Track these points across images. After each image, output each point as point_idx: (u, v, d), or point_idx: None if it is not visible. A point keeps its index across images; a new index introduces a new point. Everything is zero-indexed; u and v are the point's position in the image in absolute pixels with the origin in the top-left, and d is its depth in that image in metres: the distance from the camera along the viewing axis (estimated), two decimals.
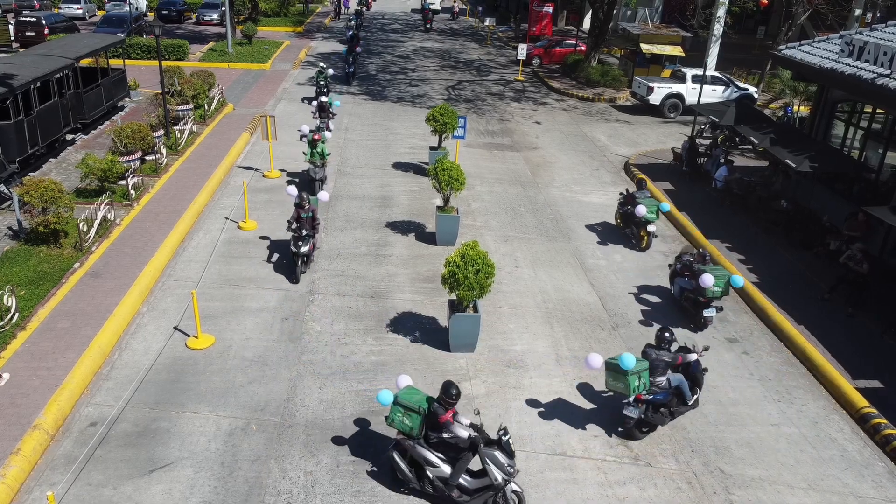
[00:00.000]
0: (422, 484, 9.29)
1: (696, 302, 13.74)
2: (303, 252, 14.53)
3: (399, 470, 9.35)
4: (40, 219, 14.81)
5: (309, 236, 14.68)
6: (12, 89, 17.49)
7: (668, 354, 10.74)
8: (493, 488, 9.01)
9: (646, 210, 16.43)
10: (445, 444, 9.30)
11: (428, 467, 9.22)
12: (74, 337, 12.11)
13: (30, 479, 9.42)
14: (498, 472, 8.93)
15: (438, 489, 9.21)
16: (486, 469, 8.96)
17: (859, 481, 10.31)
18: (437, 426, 9.26)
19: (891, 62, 15.56)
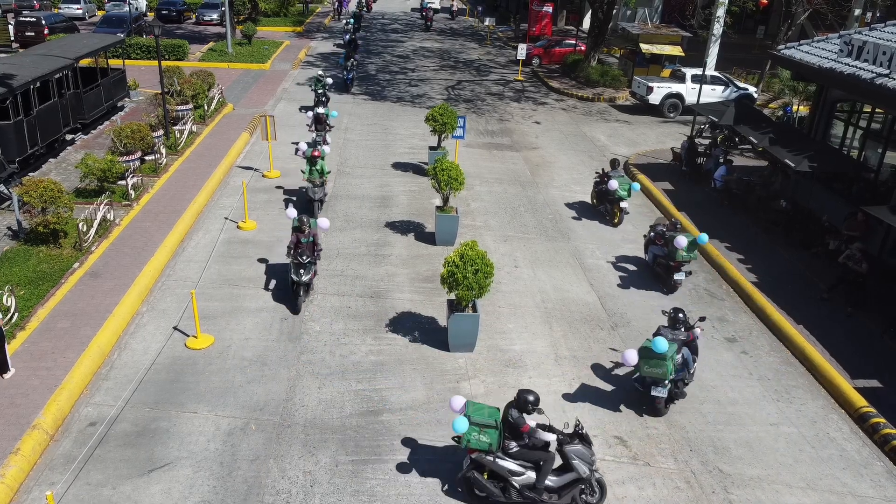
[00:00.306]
0: (507, 495, 9.15)
1: (668, 267, 15.06)
2: (304, 281, 13.39)
3: (482, 488, 9.15)
4: (40, 219, 14.82)
5: (311, 263, 13.53)
6: (12, 89, 17.51)
7: (682, 333, 11.28)
8: (580, 481, 9.18)
9: (618, 185, 17.45)
10: (524, 450, 9.18)
11: (512, 478, 9.10)
12: (74, 337, 12.12)
13: (29, 479, 9.44)
14: (583, 465, 9.11)
15: (528, 497, 9.15)
16: (572, 464, 9.09)
17: (858, 480, 10.32)
18: (518, 435, 9.16)
19: (890, 62, 15.57)
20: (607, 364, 12.72)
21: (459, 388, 11.77)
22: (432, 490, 9.65)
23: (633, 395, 11.86)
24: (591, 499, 9.38)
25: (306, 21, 49.06)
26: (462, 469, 9.32)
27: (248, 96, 28.71)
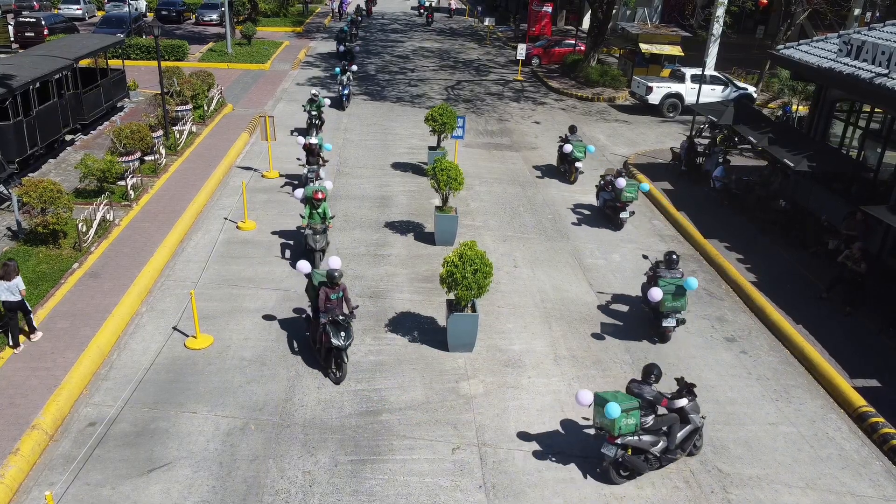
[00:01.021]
0: (650, 466, 9.98)
1: (615, 207, 18.04)
2: (346, 345, 11.43)
3: (634, 467, 9.83)
4: (39, 219, 14.83)
5: (349, 322, 11.58)
6: (11, 90, 17.52)
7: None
8: (696, 431, 10.27)
9: (573, 148, 20.60)
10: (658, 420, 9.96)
11: (652, 448, 9.85)
12: (73, 337, 12.13)
13: (28, 479, 9.44)
14: (698, 417, 10.23)
15: (665, 459, 10.06)
16: (689, 419, 10.15)
17: (857, 480, 10.33)
18: (655, 410, 9.94)
19: (889, 61, 15.57)
20: (606, 363, 12.72)
21: (458, 388, 11.78)
22: (431, 490, 9.66)
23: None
24: (699, 443, 10.49)
25: (306, 21, 49.06)
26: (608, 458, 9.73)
27: (248, 97, 28.72)
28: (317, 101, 22.41)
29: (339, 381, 11.65)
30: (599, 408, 9.59)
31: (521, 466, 10.18)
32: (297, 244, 16.17)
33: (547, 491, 9.77)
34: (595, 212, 19.13)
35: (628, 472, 9.92)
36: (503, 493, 9.69)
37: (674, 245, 17.79)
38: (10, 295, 11.52)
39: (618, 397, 9.62)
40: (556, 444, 10.65)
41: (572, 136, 20.91)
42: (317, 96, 22.40)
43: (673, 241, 18.03)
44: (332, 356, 11.58)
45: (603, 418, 9.53)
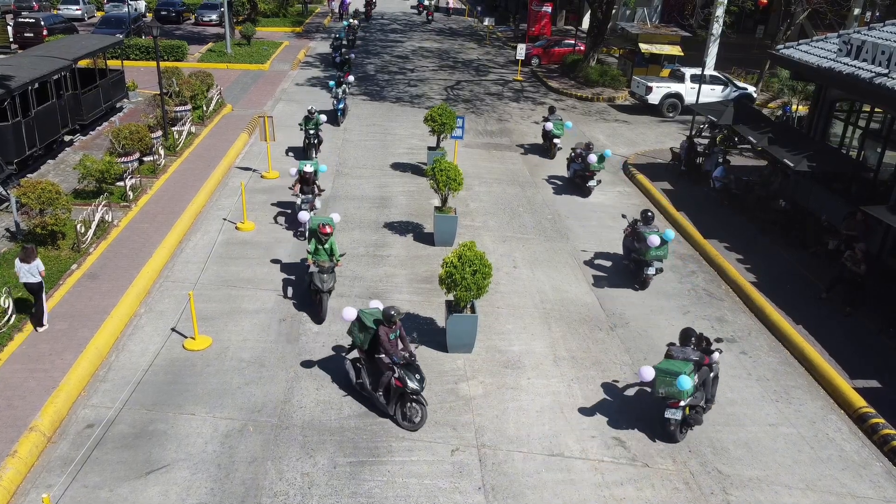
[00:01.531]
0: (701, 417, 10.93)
1: (584, 177, 20.15)
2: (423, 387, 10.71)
3: (697, 421, 10.85)
4: (38, 220, 14.80)
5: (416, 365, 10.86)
6: (10, 91, 17.50)
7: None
8: (717, 378, 11.30)
9: (552, 126, 23.11)
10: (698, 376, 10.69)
11: (701, 402, 10.83)
12: (71, 339, 12.10)
13: (26, 482, 9.41)
14: (718, 365, 11.30)
15: (708, 408, 11.15)
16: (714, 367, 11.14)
17: (857, 481, 10.30)
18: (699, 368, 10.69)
19: (889, 61, 15.54)
20: (606, 364, 12.69)
21: (458, 389, 11.75)
22: (430, 492, 9.63)
23: (633, 397, 11.85)
24: (715, 388, 11.36)
25: (305, 21, 49.01)
26: (674, 421, 10.57)
27: (247, 97, 28.69)
28: (313, 117, 20.87)
29: (418, 427, 10.70)
30: (668, 378, 10.35)
31: (520, 468, 10.16)
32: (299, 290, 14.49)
33: (546, 492, 9.74)
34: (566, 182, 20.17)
35: (689, 427, 10.88)
36: (502, 495, 9.66)
37: (674, 245, 17.74)
38: (31, 277, 12.03)
39: (677, 365, 10.45)
40: (556, 446, 10.62)
41: (552, 115, 23.39)
42: (313, 113, 20.89)
43: (673, 242, 17.97)
44: (407, 401, 10.66)
45: (672, 388, 10.32)
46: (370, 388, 11.01)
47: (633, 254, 15.35)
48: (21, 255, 12.01)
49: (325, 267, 13.09)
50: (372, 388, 10.99)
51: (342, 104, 25.44)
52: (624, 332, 13.78)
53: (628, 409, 11.55)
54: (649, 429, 11.07)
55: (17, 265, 11.99)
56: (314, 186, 16.66)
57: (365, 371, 11.15)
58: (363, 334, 11.10)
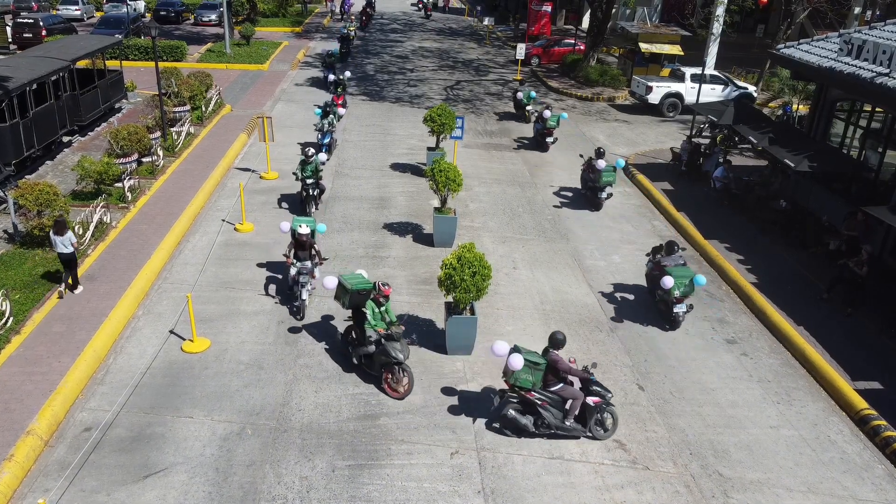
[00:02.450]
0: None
1: (543, 134, 23.83)
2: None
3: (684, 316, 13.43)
4: (35, 222, 14.75)
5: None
6: (7, 91, 17.44)
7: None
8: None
9: (523, 96, 26.97)
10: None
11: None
12: (69, 341, 12.05)
13: (23, 486, 9.36)
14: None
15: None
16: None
17: (859, 484, 10.24)
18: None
19: (889, 61, 15.48)
20: (606, 365, 12.63)
21: (457, 390, 11.69)
22: (430, 495, 9.57)
23: (633, 398, 11.79)
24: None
25: (305, 21, 48.94)
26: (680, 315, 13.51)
27: (247, 97, 28.63)
28: (312, 161, 17.13)
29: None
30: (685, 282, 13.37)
31: (520, 471, 10.10)
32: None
33: (546, 496, 9.68)
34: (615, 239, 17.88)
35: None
36: (502, 499, 9.60)
37: None
38: (64, 248, 13.13)
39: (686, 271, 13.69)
40: (556, 449, 10.55)
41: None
42: (311, 156, 17.12)
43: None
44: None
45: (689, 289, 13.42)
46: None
47: (589, 183, 19.37)
48: (54, 228, 13.12)
49: (396, 333, 11.18)
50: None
51: (328, 138, 21.26)
52: (624, 333, 13.72)
53: (628, 410, 11.48)
54: (649, 430, 11.02)
55: (51, 237, 13.13)
56: (312, 251, 13.53)
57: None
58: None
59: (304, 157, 17.18)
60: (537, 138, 23.57)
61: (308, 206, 17.51)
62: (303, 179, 17.27)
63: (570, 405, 10.55)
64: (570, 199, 20.22)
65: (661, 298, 13.98)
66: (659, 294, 14.00)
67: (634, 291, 15.25)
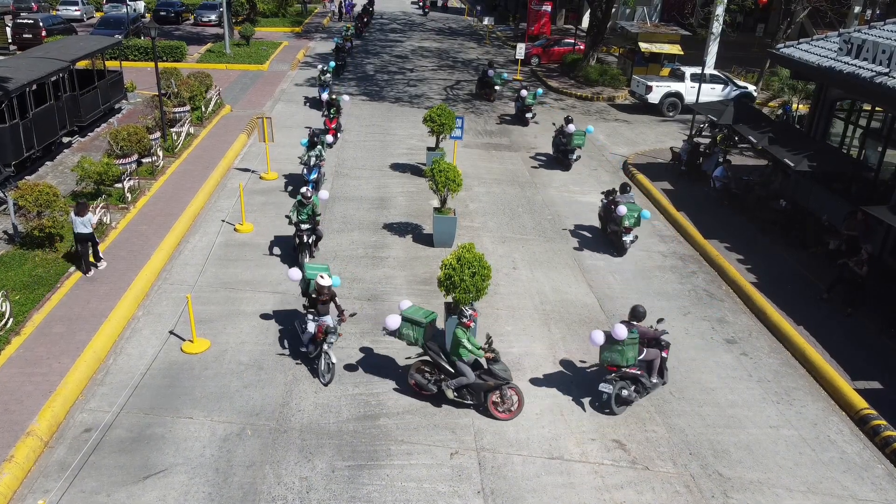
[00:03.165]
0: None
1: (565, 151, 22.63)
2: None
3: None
4: (35, 223, 14.75)
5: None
6: (7, 92, 17.44)
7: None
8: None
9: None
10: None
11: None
12: (69, 342, 12.05)
13: (23, 487, 9.36)
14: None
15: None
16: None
17: (859, 484, 10.24)
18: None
19: (889, 60, 15.48)
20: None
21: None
22: (429, 496, 9.57)
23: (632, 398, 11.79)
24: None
25: (305, 21, 48.96)
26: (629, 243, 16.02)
27: (246, 97, 28.64)
28: (308, 202, 14.94)
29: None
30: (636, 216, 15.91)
31: (520, 471, 10.10)
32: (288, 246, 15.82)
33: (546, 496, 9.68)
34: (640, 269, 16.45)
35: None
36: (502, 499, 9.60)
37: (674, 245, 17.71)
38: (84, 228, 13.93)
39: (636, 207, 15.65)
40: (556, 449, 10.56)
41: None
42: (308, 197, 14.93)
43: (673, 242, 17.94)
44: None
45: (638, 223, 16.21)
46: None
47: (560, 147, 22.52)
48: (76, 209, 13.99)
49: (497, 353, 11.12)
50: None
51: (315, 173, 17.98)
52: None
53: (628, 411, 11.48)
54: (649, 430, 11.03)
55: (72, 217, 13.99)
56: (334, 305, 11.89)
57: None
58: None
59: (300, 199, 14.86)
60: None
61: (301, 256, 15.14)
62: (297, 223, 14.99)
63: (655, 364, 11.55)
64: (569, 201, 20.22)
65: (612, 231, 16.60)
66: (611, 227, 16.76)
67: (635, 291, 15.24)
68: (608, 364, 11.18)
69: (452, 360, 11.03)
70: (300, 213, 14.97)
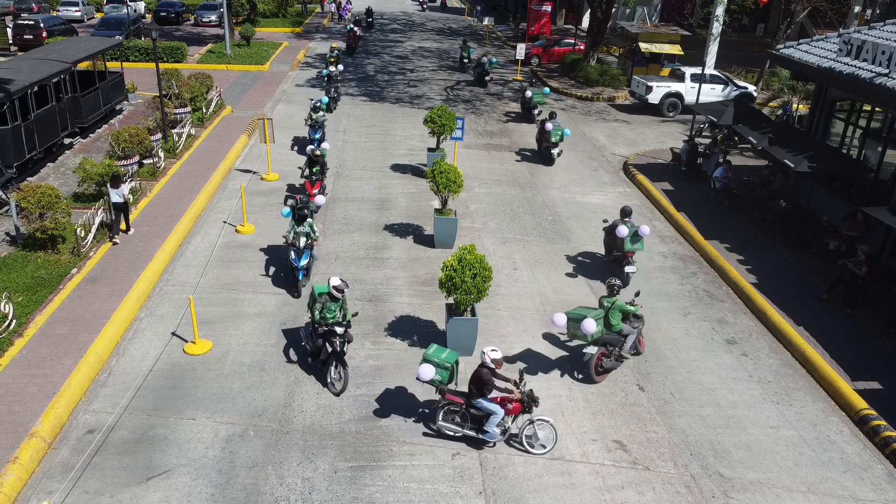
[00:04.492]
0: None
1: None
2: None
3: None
4: (37, 224, 14.79)
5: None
6: (9, 94, 17.48)
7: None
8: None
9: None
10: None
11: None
12: (72, 343, 12.09)
13: (27, 488, 9.41)
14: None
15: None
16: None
17: (858, 484, 10.28)
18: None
19: (889, 61, 15.51)
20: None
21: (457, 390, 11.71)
22: (431, 496, 9.62)
23: (633, 398, 11.84)
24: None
25: (305, 22, 48.98)
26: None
27: (247, 98, 28.67)
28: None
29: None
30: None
31: (521, 472, 10.15)
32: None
33: (547, 497, 9.73)
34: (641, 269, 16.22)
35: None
36: (503, 499, 9.65)
37: (674, 246, 17.75)
38: (118, 197, 15.46)
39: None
40: (556, 450, 10.60)
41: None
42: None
43: (673, 242, 17.98)
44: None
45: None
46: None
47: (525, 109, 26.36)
48: (111, 181, 15.50)
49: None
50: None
51: (303, 261, 14.12)
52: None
53: (629, 411, 11.53)
54: (650, 431, 11.07)
55: (108, 188, 15.51)
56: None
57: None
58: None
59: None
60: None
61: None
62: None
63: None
64: (569, 201, 20.26)
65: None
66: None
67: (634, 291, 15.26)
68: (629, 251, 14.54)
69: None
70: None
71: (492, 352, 10.21)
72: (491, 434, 10.30)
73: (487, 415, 10.29)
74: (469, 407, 10.39)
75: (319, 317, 11.57)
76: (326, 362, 11.51)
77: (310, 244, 14.16)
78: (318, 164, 17.76)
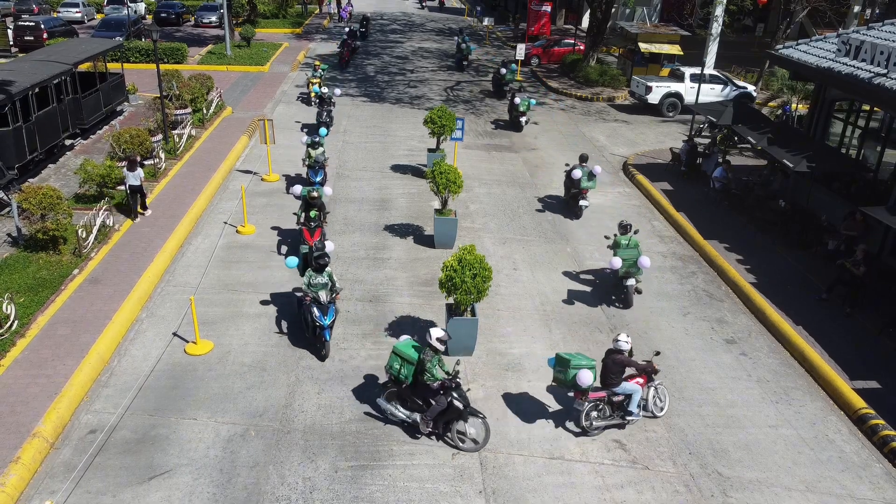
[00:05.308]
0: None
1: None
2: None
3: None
4: (39, 225, 14.85)
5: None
6: (10, 96, 17.53)
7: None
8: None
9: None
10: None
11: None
12: (73, 344, 12.15)
13: (29, 488, 9.46)
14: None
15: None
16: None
17: (857, 483, 10.33)
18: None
19: (887, 61, 15.55)
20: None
21: None
22: (431, 495, 9.67)
23: None
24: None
25: (305, 22, 49.04)
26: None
27: (247, 99, 28.73)
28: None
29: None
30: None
31: (521, 471, 10.19)
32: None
33: (547, 496, 9.78)
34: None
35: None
36: (503, 499, 9.70)
37: (673, 246, 17.80)
38: (134, 180, 16.46)
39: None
40: (557, 449, 10.65)
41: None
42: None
43: (672, 242, 18.03)
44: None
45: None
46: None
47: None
48: (127, 165, 16.44)
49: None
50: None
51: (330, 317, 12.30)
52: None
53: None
54: (649, 430, 11.12)
55: (124, 172, 16.43)
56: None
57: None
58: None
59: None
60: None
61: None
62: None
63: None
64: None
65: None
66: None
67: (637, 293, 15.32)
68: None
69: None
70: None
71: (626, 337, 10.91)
72: (636, 414, 11.00)
73: (628, 395, 10.89)
74: (611, 396, 10.90)
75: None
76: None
77: (333, 298, 12.46)
78: (316, 206, 15.48)
